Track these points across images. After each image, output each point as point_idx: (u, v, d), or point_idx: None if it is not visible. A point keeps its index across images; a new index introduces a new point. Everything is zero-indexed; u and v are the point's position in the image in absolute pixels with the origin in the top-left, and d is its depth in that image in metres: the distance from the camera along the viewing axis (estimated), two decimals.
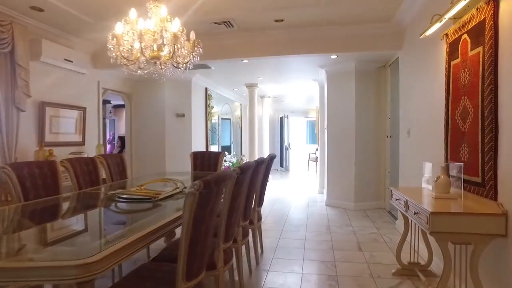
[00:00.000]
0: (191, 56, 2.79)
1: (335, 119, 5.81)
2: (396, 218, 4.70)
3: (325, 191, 6.26)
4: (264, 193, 3.51)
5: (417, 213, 2.21)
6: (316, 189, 7.48)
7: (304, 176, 10.96)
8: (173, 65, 2.81)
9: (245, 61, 5.40)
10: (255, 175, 2.77)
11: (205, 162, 4.34)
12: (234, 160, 8.57)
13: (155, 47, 2.62)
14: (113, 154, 4.00)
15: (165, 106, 6.36)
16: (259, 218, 3.40)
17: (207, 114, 7.34)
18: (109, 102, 9.91)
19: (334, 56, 5.10)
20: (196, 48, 2.79)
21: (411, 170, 3.80)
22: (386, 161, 5.51)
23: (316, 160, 10.48)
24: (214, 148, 11.33)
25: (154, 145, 6.40)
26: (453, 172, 2.46)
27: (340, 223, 4.71)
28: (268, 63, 5.82)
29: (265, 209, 5.66)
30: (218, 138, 12.09)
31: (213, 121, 11.77)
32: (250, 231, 3.13)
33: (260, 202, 3.32)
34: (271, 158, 3.37)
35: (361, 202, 5.54)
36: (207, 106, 7.34)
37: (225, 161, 8.28)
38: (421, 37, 2.88)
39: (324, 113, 6.41)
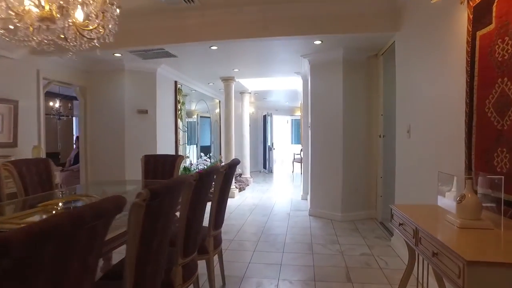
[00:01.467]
0: (104, 22, 1.94)
1: (320, 116, 5.05)
2: (391, 234, 3.97)
3: (309, 197, 5.50)
4: (224, 210, 2.70)
5: (437, 254, 1.45)
6: (300, 194, 6.72)
7: (288, 179, 10.21)
8: (81, 35, 1.95)
9: (214, 47, 4.58)
10: (200, 191, 1.97)
11: (158, 167, 3.51)
12: (209, 162, 7.74)
13: (47, 7, 1.76)
14: (34, 160, 3.12)
15: (124, 101, 5.48)
16: (217, 244, 2.59)
17: (177, 111, 6.49)
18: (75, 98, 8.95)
19: (318, 42, 4.34)
20: (110, 9, 1.93)
21: (412, 178, 3.06)
22: (378, 165, 4.79)
23: (301, 161, 9.74)
24: (192, 149, 10.51)
25: (112, 147, 5.51)
26: (483, 188, 1.72)
27: (325, 239, 3.95)
28: (243, 52, 5.01)
29: (239, 219, 4.85)
30: (198, 139, 11.26)
31: (192, 119, 10.98)
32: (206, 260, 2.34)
33: (217, 223, 2.51)
34: (230, 166, 2.55)
35: (349, 212, 4.80)
36: (176, 101, 6.48)
37: (197, 164, 7.46)
38: (433, 1, 2.12)
39: (308, 110, 5.66)
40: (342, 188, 4.78)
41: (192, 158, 9.19)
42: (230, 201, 6.56)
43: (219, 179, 2.31)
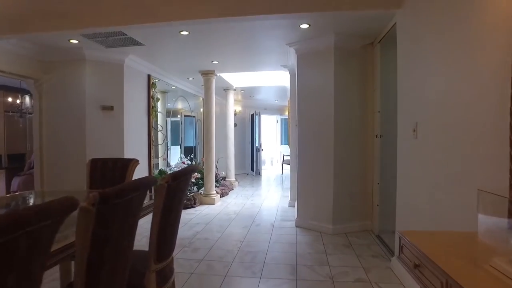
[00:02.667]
0: None
1: (308, 113, 4.42)
2: (390, 251, 3.36)
3: (296, 202, 4.86)
4: (174, 235, 2.03)
5: None
6: (287, 201, 6.09)
7: (276, 182, 9.57)
8: None
9: (184, 32, 3.92)
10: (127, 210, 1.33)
11: (107, 173, 2.84)
12: (186, 165, 7.06)
13: None
14: None
15: (86, 96, 4.77)
16: (164, 279, 1.91)
17: (151, 108, 5.80)
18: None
19: (305, 26, 3.71)
20: None
21: (420, 186, 2.44)
22: (375, 169, 4.18)
23: (290, 161, 9.14)
24: (175, 150, 9.82)
25: (72, 149, 4.80)
26: None
27: (312, 259, 3.31)
28: (220, 39, 4.35)
29: (215, 232, 4.19)
30: (181, 139, 10.57)
31: (176, 119, 10.29)
32: None
33: (161, 253, 1.83)
34: (177, 176, 1.84)
35: (341, 223, 4.18)
36: (150, 98, 5.79)
37: (174, 167, 6.77)
38: None
39: (295, 107, 5.03)
40: (333, 196, 4.16)
41: (171, 160, 8.50)
42: (209, 209, 5.97)
43: (161, 195, 1.66)
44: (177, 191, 1.80)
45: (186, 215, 5.26)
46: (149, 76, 5.79)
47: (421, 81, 2.45)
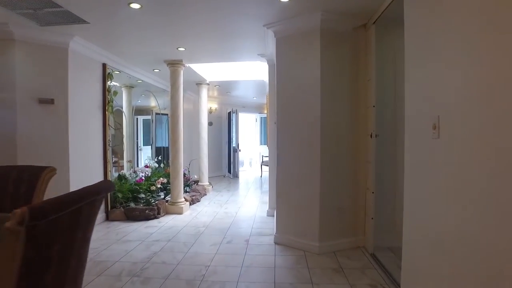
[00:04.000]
0: None
1: (289, 108, 3.70)
2: (390, 278, 2.69)
3: (276, 212, 4.12)
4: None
5: None
6: (266, 209, 5.36)
7: (255, 185, 8.84)
8: None
9: (135, 5, 3.12)
10: None
11: (8, 186, 2.00)
12: (148, 170, 6.21)
13: None
14: None
15: (16, 85, 3.85)
16: None
17: (106, 102, 4.93)
18: None
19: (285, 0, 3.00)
20: None
21: (447, 210, 1.75)
22: (368, 175, 3.51)
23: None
24: (147, 150, 8.92)
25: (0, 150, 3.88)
26: None
27: None
28: (183, 17, 3.56)
29: (176, 253, 3.40)
30: (153, 139, 9.65)
31: (149, 117, 9.39)
32: None
33: None
34: (55, 209, 1.03)
35: (329, 240, 3.49)
36: (105, 90, 4.92)
37: (134, 171, 5.91)
38: None
39: (274, 101, 4.31)
40: (319, 207, 3.46)
41: (141, 162, 7.60)
42: (175, 220, 5.10)
43: (12, 251, 0.89)
44: (63, 232, 1.03)
45: (146, 228, 4.43)
46: (104, 65, 4.91)
47: (448, 62, 1.77)
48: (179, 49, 4.73)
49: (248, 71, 6.93)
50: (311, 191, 3.51)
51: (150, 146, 9.30)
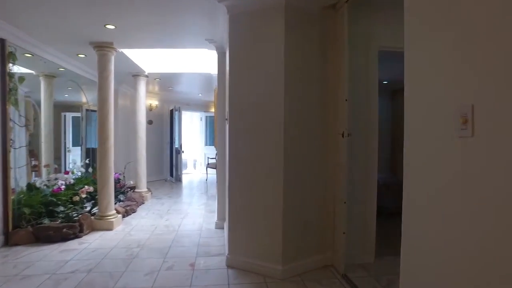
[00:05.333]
0: None
1: (245, 102, 3.04)
2: None
3: (226, 226, 3.42)
4: None
5: None
6: (214, 220, 4.65)
7: (200, 190, 8.04)
8: None
9: None
10: None
11: None
12: (69, 177, 5.13)
13: None
14: None
15: None
16: None
17: (7, 91, 3.80)
18: None
19: None
20: None
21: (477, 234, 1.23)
22: (339, 182, 3.00)
23: (216, 167, 7.60)
24: (77, 152, 7.62)
25: None
26: None
27: None
28: None
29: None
30: (82, 139, 8.31)
31: (78, 114, 8.05)
32: None
33: None
34: None
35: (294, 260, 2.91)
36: (5, 75, 3.80)
37: (56, 178, 4.81)
38: None
39: (225, 95, 3.64)
40: (282, 222, 2.86)
41: (68, 164, 6.36)
42: (103, 239, 3.92)
43: None
44: None
45: (61, 254, 3.45)
46: (2, 41, 3.78)
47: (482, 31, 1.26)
48: (107, 26, 3.81)
49: (193, 63, 6.15)
50: (272, 201, 2.89)
51: (80, 147, 8.02)
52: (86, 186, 4.77)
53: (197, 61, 6.10)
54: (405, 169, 1.71)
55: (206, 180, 9.59)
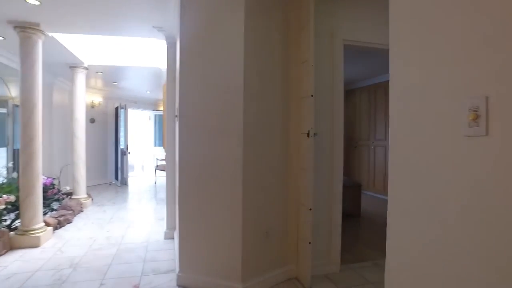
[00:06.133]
0: None
1: (198, 97, 2.64)
2: None
3: (177, 236, 2.97)
4: None
5: None
6: (163, 228, 4.16)
7: (149, 194, 7.41)
8: None
9: None
10: None
11: None
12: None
13: None
14: None
15: None
16: None
17: None
18: None
19: None
20: None
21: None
22: (304, 187, 2.72)
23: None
24: (2, 154, 6.57)
25: None
26: None
27: None
28: None
29: None
30: (8, 139, 7.22)
31: (4, 110, 6.97)
32: None
33: None
34: None
35: (255, 276, 2.57)
36: None
37: None
38: None
39: (175, 90, 3.19)
40: (242, 233, 2.51)
41: None
42: (24, 259, 3.12)
43: None
44: None
45: None
46: None
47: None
48: (28, 1, 3.16)
49: (141, 55, 5.58)
50: (229, 209, 2.53)
51: (5, 148, 6.97)
52: (5, 195, 4.01)
53: (145, 54, 5.54)
54: (393, 167, 1.45)
55: (155, 183, 8.93)
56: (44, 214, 4.33)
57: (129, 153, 8.56)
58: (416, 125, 1.31)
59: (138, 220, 4.92)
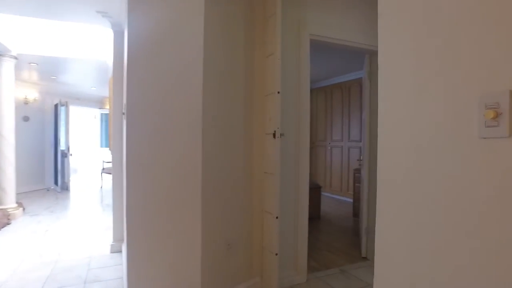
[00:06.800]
0: None
1: (149, 92, 2.29)
2: None
3: (125, 252, 2.56)
4: None
5: None
6: (109, 240, 3.70)
7: (94, 200, 6.74)
8: None
9: None
10: None
11: None
12: None
13: None
14: None
15: None
16: None
17: None
18: None
19: None
20: None
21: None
22: (269, 193, 2.48)
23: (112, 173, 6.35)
24: None
25: None
26: None
27: None
28: None
29: None
30: None
31: None
32: None
33: None
34: None
35: None
36: None
37: None
38: None
39: (123, 85, 2.77)
40: (201, 245, 2.20)
41: None
42: None
43: None
44: None
45: None
46: None
47: None
48: None
49: (84, 46, 5.00)
50: (187, 220, 2.22)
51: None
52: None
53: (89, 44, 4.97)
54: (381, 171, 1.26)
55: (102, 187, 8.20)
56: None
57: (70, 155, 7.75)
58: (413, 127, 1.12)
59: (79, 231, 4.35)
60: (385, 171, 1.23)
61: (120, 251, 3.48)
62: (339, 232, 4.43)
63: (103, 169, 8.38)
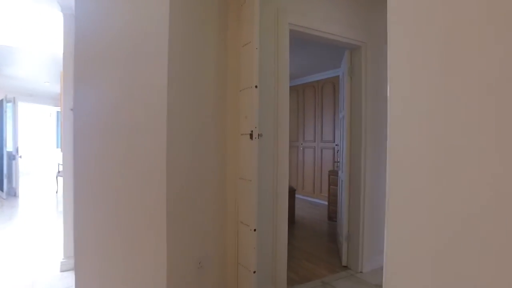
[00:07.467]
0: None
1: (104, 85, 1.91)
2: None
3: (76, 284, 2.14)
4: None
5: None
6: (60, 256, 3.22)
7: (48, 207, 6.08)
8: None
9: None
10: None
11: None
12: None
13: None
14: None
15: None
16: None
17: None
18: None
19: None
20: None
21: None
22: (248, 203, 2.17)
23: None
24: None
25: None
26: None
27: None
28: None
29: None
30: None
31: None
32: None
33: None
34: None
35: None
36: None
37: None
38: None
39: (71, 77, 2.34)
40: (167, 263, 1.85)
41: None
42: None
43: None
44: None
45: None
46: None
47: None
48: None
49: (34, 34, 4.42)
50: (150, 235, 1.86)
51: None
52: None
53: (40, 32, 4.40)
54: (391, 176, 1.00)
55: (57, 192, 7.49)
56: None
57: (20, 157, 6.99)
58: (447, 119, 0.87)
59: (24, 247, 3.80)
60: (403, 175, 0.97)
61: (71, 270, 3.02)
62: (315, 237, 4.22)
63: (59, 172, 7.66)
